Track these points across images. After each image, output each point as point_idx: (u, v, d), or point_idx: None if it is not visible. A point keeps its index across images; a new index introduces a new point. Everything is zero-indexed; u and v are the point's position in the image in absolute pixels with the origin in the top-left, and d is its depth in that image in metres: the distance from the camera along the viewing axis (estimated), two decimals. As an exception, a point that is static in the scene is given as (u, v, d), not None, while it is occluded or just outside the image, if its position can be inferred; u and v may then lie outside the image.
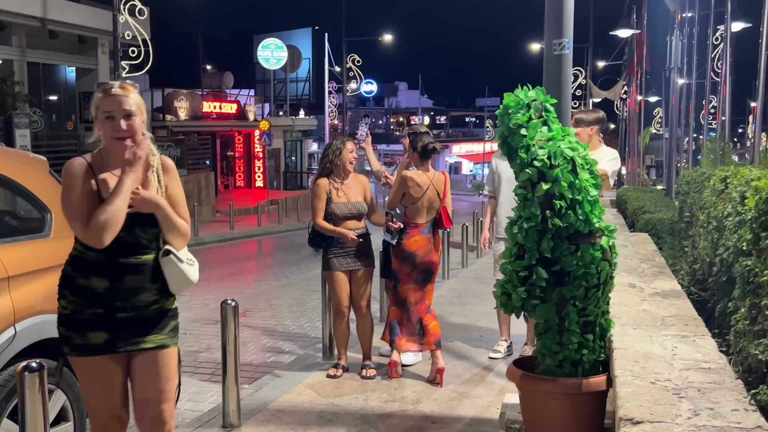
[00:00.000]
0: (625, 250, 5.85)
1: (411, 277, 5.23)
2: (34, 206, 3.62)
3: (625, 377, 2.73)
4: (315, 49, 38.09)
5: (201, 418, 4.45)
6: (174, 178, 2.95)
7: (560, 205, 3.20)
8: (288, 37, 36.93)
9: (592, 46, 32.77)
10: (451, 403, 4.65)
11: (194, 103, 28.48)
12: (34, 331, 3.23)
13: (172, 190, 2.91)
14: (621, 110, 33.29)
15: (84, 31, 19.43)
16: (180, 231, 2.87)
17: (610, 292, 3.42)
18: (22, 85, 17.02)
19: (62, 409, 3.41)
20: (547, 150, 3.22)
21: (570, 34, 3.97)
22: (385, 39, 39.23)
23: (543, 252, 3.25)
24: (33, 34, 18.32)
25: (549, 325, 3.29)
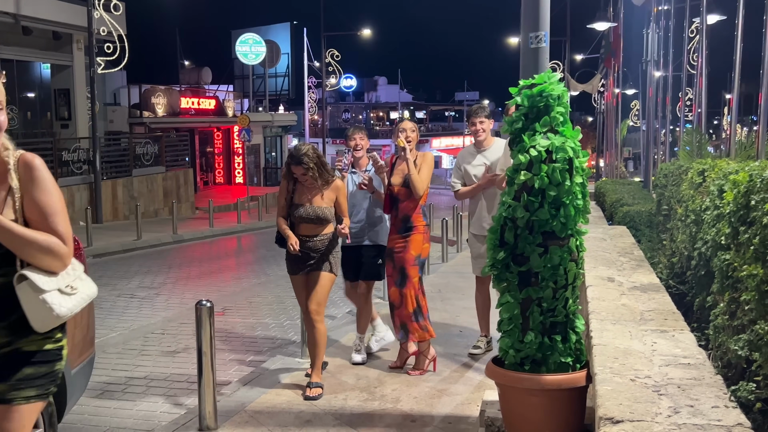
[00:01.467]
0: (603, 244, 5.85)
1: (392, 278, 5.27)
2: None
3: (605, 374, 2.70)
4: (294, 44, 37.88)
5: (177, 421, 4.37)
6: (38, 180, 2.26)
7: (532, 200, 3.17)
8: (266, 32, 36.69)
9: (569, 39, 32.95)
10: (431, 400, 4.61)
11: (172, 99, 28.22)
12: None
13: (35, 196, 2.25)
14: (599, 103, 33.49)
15: (58, 27, 19.15)
16: (41, 250, 2.21)
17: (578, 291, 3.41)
18: (-6, 82, 16.71)
19: (32, 415, 3.30)
20: (550, 142, 3.18)
21: (546, 27, 3.93)
22: (364, 34, 39.15)
23: (506, 240, 3.21)
24: (6, 31, 18.02)
25: (513, 322, 3.27)
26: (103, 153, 18.39)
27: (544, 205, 3.18)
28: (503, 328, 3.37)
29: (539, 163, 3.18)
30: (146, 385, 5.41)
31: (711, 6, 12.24)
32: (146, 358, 6.17)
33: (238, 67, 36.51)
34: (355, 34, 39.56)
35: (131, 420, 4.67)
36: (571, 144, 3.23)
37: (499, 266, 3.31)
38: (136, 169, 19.90)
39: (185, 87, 31.81)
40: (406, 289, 5.16)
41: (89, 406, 4.86)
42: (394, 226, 5.31)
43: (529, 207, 3.19)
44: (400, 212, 5.25)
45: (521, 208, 3.20)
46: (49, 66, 20.78)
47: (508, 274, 3.30)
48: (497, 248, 3.31)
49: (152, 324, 7.45)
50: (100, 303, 8.48)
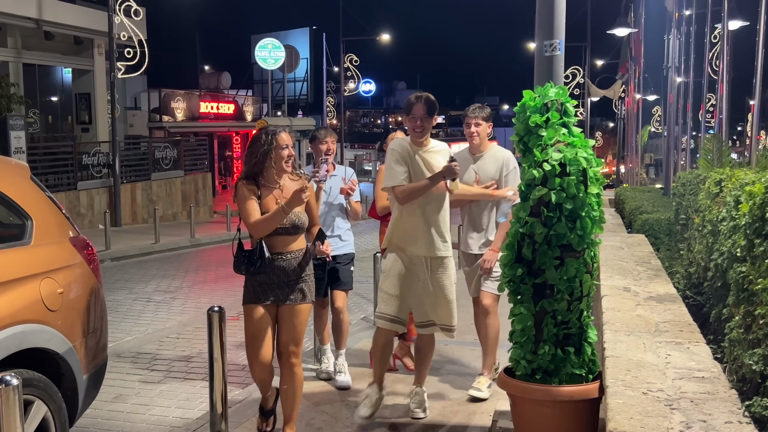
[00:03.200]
0: (620, 252, 5.78)
1: None
2: (14, 213, 3.54)
3: (617, 387, 2.65)
4: (313, 49, 38.05)
5: (189, 426, 4.39)
6: None
7: (550, 215, 3.15)
8: (286, 37, 36.88)
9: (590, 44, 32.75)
10: (443, 410, 4.58)
11: (191, 103, 28.41)
12: (13, 342, 3.15)
13: None
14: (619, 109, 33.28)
15: (80, 32, 19.37)
16: None
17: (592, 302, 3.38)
18: (17, 86, 16.95)
19: (43, 419, 3.33)
20: (563, 155, 3.16)
21: (561, 35, 3.90)
22: (383, 39, 39.21)
23: (524, 256, 3.20)
24: (28, 36, 18.26)
25: (526, 334, 3.25)
26: (122, 157, 18.55)
27: (562, 219, 3.16)
28: (515, 338, 3.35)
29: (553, 177, 3.15)
30: (159, 389, 5.43)
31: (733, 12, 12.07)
32: (160, 362, 6.19)
33: (257, 71, 36.73)
34: (375, 39, 39.64)
35: (144, 425, 4.68)
36: (584, 154, 3.20)
37: (517, 281, 3.29)
38: (155, 173, 20.05)
39: (205, 91, 32.01)
40: None
41: (102, 410, 4.88)
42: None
43: (547, 222, 3.17)
44: None
45: (539, 223, 3.18)
46: (70, 70, 21.03)
47: (522, 285, 3.28)
48: (514, 264, 3.29)
49: (167, 328, 7.48)
50: (117, 306, 8.53)
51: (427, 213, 4.28)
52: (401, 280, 4.28)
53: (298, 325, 3.95)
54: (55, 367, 3.47)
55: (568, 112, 3.33)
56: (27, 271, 3.36)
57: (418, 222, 4.27)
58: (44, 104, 21.23)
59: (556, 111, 3.28)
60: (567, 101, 3.35)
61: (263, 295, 3.91)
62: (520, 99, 3.37)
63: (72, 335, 3.54)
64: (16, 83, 17.11)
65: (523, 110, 3.33)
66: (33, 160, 15.19)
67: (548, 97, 3.31)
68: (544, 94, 3.32)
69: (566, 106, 3.34)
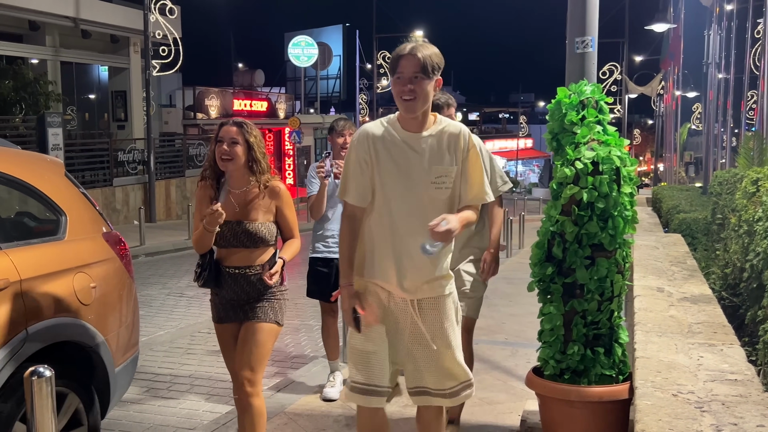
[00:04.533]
0: (655, 252, 5.69)
1: None
2: (48, 209, 3.61)
3: (646, 389, 2.61)
4: (346, 47, 38.14)
5: (218, 420, 4.43)
6: None
7: (581, 214, 3.12)
8: (319, 35, 37.03)
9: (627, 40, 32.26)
10: (471, 408, 4.55)
11: (225, 101, 28.70)
12: (47, 335, 3.22)
13: None
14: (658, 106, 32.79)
15: (116, 30, 19.69)
16: None
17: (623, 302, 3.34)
18: (54, 84, 17.29)
19: (76, 411, 3.39)
20: (595, 153, 3.13)
21: (594, 32, 3.83)
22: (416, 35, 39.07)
23: (554, 255, 3.17)
24: (66, 34, 18.61)
25: (555, 333, 3.22)
26: (157, 154, 18.81)
27: (593, 218, 3.12)
28: (544, 338, 3.32)
29: (585, 176, 3.12)
30: (190, 383, 5.49)
31: (774, 6, 11.80)
32: (191, 357, 6.26)
33: (290, 69, 36.94)
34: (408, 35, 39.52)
35: (174, 418, 4.74)
36: (617, 152, 3.15)
37: (546, 280, 3.26)
38: (189, 170, 20.30)
39: (238, 89, 32.32)
40: None
41: (134, 403, 4.95)
42: None
43: (578, 221, 3.14)
44: None
45: (570, 222, 3.15)
46: (106, 68, 21.39)
47: (551, 285, 3.25)
48: (544, 263, 3.26)
49: (199, 323, 7.56)
50: (150, 301, 8.66)
51: (404, 226, 2.82)
52: (376, 327, 2.90)
53: (254, 346, 3.37)
54: (87, 360, 3.53)
55: (603, 110, 3.29)
56: (61, 266, 3.42)
57: (386, 242, 2.85)
58: (81, 102, 21.62)
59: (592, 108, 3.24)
60: (602, 99, 3.30)
61: (226, 314, 3.48)
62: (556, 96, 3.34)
63: (104, 329, 3.59)
64: (54, 81, 17.47)
65: (558, 107, 3.29)
66: (70, 156, 15.48)
67: (584, 94, 3.27)
68: (580, 92, 3.28)
69: (601, 104, 3.30)
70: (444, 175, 2.83)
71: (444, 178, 2.83)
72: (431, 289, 2.89)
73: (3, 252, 3.12)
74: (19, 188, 3.50)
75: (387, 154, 2.82)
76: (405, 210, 2.82)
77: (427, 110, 2.82)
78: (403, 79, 2.72)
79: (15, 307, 3.06)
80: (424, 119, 2.83)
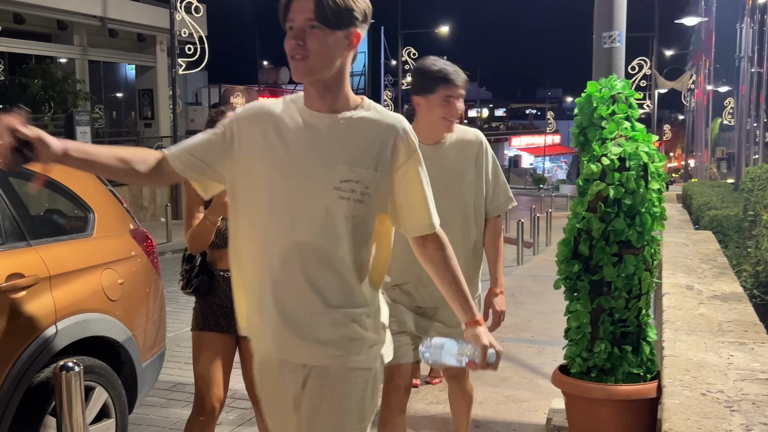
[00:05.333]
0: (684, 250, 5.61)
1: None
2: (77, 206, 3.66)
3: (674, 387, 2.58)
4: (371, 43, 38.14)
5: (243, 415, 4.46)
6: None
7: (608, 211, 3.08)
8: (344, 32, 37.08)
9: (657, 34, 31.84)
10: (497, 406, 4.53)
11: (250, 98, 28.92)
12: (76, 330, 3.26)
13: None
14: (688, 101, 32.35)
15: (142, 29, 19.91)
16: None
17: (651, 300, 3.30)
18: (82, 83, 17.54)
19: (104, 405, 3.44)
20: (622, 149, 3.09)
21: (621, 26, 3.78)
22: (442, 31, 38.98)
23: (581, 252, 3.14)
24: (94, 33, 18.86)
25: (582, 331, 3.19)
26: (184, 151, 18.96)
27: (620, 215, 3.09)
28: (571, 336, 3.30)
29: (612, 172, 3.09)
30: (217, 379, 5.52)
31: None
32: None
33: (316, 66, 37.04)
34: (433, 31, 39.47)
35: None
36: (645, 148, 3.11)
37: (573, 278, 3.23)
38: (216, 168, 20.45)
39: (263, 86, 32.52)
40: None
41: (160, 398, 5.00)
42: None
43: (605, 218, 3.11)
44: None
45: (597, 219, 3.11)
46: (133, 67, 21.64)
47: (578, 282, 3.22)
48: (571, 261, 3.23)
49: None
50: (177, 298, 8.72)
51: (283, 245, 1.93)
52: (268, 407, 2.14)
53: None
54: (115, 355, 3.57)
55: (632, 106, 3.26)
56: (89, 262, 3.46)
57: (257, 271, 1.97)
58: (109, 100, 21.91)
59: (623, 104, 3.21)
60: (631, 94, 3.27)
61: (216, 322, 3.12)
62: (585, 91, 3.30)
63: (131, 324, 3.63)
64: (82, 80, 17.72)
65: (589, 101, 3.25)
66: (99, 154, 15.68)
67: (615, 89, 3.24)
68: (611, 86, 3.25)
69: (630, 99, 3.27)
70: (355, 181, 1.90)
71: (354, 185, 1.90)
72: (324, 352, 1.95)
73: (33, 249, 3.17)
74: (48, 186, 3.55)
75: (276, 137, 1.93)
76: (287, 219, 1.91)
77: (337, 80, 1.92)
78: (294, 30, 1.86)
79: (44, 303, 3.11)
80: (337, 94, 1.94)
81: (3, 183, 3.21)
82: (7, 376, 2.93)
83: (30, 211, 3.43)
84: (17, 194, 3.28)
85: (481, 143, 2.97)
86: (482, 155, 2.97)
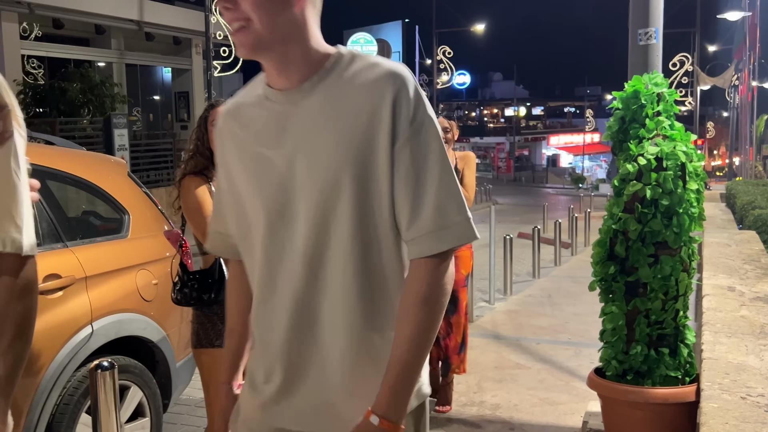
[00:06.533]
0: (727, 250, 5.48)
1: None
2: (112, 208, 3.71)
3: (713, 391, 2.51)
4: (405, 42, 38.07)
5: None
6: None
7: (645, 211, 3.02)
8: (378, 31, 37.08)
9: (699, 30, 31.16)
10: (532, 409, 4.48)
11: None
12: (111, 330, 3.31)
13: None
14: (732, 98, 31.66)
15: (178, 32, 20.14)
16: None
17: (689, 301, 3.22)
18: (120, 86, 17.84)
19: (139, 404, 3.48)
20: (659, 149, 3.03)
21: (658, 22, 3.69)
22: (478, 29, 38.72)
23: (617, 253, 3.08)
24: (130, 37, 19.16)
25: (617, 333, 3.12)
26: (218, 153, 19.16)
27: (657, 216, 3.02)
28: (606, 338, 3.24)
29: (649, 172, 3.02)
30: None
31: None
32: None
33: (351, 67, 37.07)
34: (469, 30, 39.22)
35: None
36: (683, 148, 3.04)
37: (609, 279, 3.18)
38: (250, 168, 20.61)
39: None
40: (455, 317, 4.28)
41: (194, 397, 5.04)
42: None
43: (642, 218, 3.05)
44: None
45: (633, 220, 3.06)
46: (170, 70, 21.92)
47: (614, 283, 3.17)
48: (606, 262, 3.18)
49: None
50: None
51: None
52: None
53: None
54: (150, 354, 3.62)
55: (665, 105, 3.19)
56: (124, 263, 3.51)
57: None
58: (146, 103, 22.22)
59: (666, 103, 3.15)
60: (671, 93, 3.20)
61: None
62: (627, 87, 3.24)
63: (166, 324, 3.67)
64: (119, 83, 18.01)
65: (636, 97, 3.18)
66: (135, 156, 15.92)
67: (661, 86, 3.18)
68: (657, 83, 3.19)
69: (671, 98, 3.21)
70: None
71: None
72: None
73: (69, 250, 3.22)
74: (84, 188, 3.62)
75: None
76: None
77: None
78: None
79: (80, 303, 3.16)
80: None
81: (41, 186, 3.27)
82: (44, 375, 2.98)
83: (67, 213, 3.49)
84: (54, 196, 3.34)
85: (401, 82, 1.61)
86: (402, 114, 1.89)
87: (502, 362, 5.52)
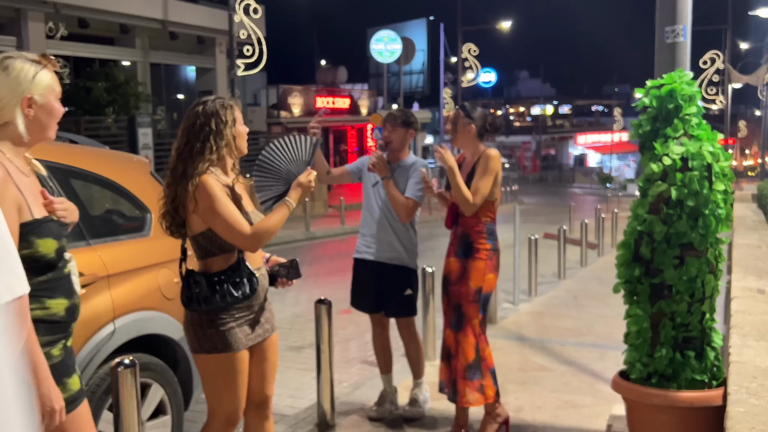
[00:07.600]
0: (757, 252, 5.39)
1: (447, 316, 4.05)
2: (135, 206, 3.72)
3: (740, 395, 2.45)
4: (430, 40, 37.93)
5: (298, 415, 4.48)
6: None
7: (670, 212, 2.96)
8: (402, 29, 36.99)
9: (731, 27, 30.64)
10: (556, 411, 4.42)
11: (308, 98, 29.19)
12: (133, 328, 3.32)
13: None
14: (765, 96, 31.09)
15: (202, 31, 20.26)
16: None
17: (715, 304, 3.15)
18: (144, 85, 17.97)
19: (161, 402, 3.49)
20: (684, 149, 2.97)
21: (686, 20, 3.62)
22: (503, 27, 38.42)
23: (642, 255, 3.03)
24: (155, 36, 19.30)
25: (642, 336, 3.07)
26: (242, 152, 19.27)
27: (683, 217, 2.96)
28: (630, 341, 3.19)
29: (674, 172, 2.96)
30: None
31: None
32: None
33: (373, 65, 37.12)
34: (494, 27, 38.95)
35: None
36: (709, 148, 2.98)
37: (633, 281, 3.12)
38: (273, 167, 20.71)
39: (321, 86, 32.77)
40: (462, 334, 3.89)
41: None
42: (452, 245, 4.00)
43: (667, 220, 2.99)
44: (460, 228, 3.97)
45: (659, 221, 3.00)
46: (194, 69, 22.05)
47: (638, 285, 3.11)
48: (631, 264, 3.12)
49: (281, 319, 7.68)
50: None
51: None
52: None
53: (276, 362, 3.03)
54: (171, 353, 3.63)
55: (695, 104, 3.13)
56: (146, 262, 3.52)
57: None
58: (170, 102, 22.37)
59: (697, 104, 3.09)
60: (697, 93, 3.15)
61: (254, 332, 2.88)
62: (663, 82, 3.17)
63: (187, 323, 3.67)
64: (143, 82, 18.15)
65: (671, 96, 3.11)
66: (159, 155, 16.03)
67: (692, 84, 3.13)
68: (688, 82, 3.13)
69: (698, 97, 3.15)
70: None
71: None
72: None
73: (92, 248, 3.24)
74: (107, 186, 3.63)
75: None
76: None
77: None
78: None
79: (103, 301, 3.18)
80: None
81: (64, 184, 3.29)
82: (67, 373, 2.99)
83: (89, 212, 3.51)
84: (78, 195, 3.35)
85: None
86: None
87: (526, 364, 5.47)
